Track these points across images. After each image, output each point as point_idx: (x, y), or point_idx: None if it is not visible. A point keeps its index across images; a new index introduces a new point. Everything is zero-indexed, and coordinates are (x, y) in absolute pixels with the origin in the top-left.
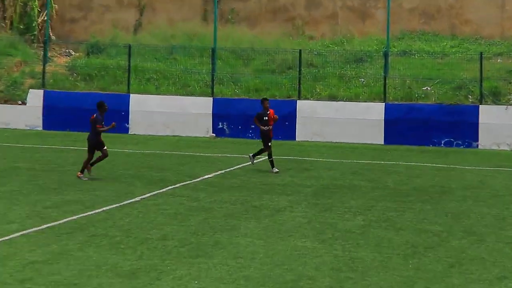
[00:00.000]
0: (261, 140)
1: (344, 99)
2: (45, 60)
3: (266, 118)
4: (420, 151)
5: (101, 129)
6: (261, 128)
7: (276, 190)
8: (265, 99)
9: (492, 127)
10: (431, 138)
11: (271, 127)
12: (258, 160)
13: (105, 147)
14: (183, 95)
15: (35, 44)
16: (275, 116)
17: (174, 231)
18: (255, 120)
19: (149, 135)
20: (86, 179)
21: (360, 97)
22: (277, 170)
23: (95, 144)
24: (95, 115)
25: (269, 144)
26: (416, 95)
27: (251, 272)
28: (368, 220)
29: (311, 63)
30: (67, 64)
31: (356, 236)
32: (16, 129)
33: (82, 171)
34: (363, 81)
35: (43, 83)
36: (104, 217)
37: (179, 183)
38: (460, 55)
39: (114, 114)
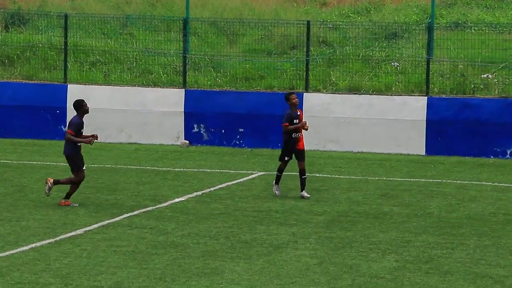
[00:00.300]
0: (282, 151)
1: (371, 92)
2: None
3: (297, 121)
4: (477, 165)
5: (74, 139)
6: (288, 136)
7: (274, 219)
8: (292, 93)
9: None
10: (492, 146)
11: (301, 134)
12: (251, 176)
13: (84, 167)
14: (143, 85)
15: None
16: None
17: (132, 276)
18: (287, 127)
19: (95, 142)
20: (76, 205)
21: (393, 89)
22: (307, 195)
23: (72, 159)
24: (72, 119)
25: (290, 158)
26: (472, 86)
27: None
28: (403, 260)
29: (324, 41)
30: None
31: (386, 283)
32: None
33: (68, 197)
34: (398, 65)
35: None
36: (33, 258)
37: (138, 209)
38: None
39: (44, 113)
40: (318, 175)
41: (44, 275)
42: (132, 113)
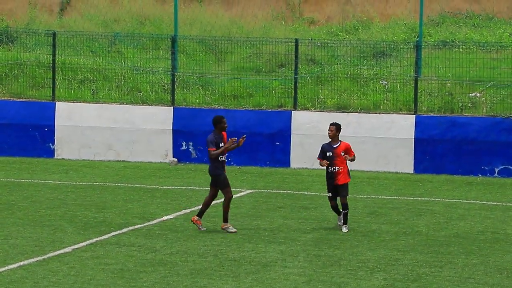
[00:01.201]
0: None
1: (359, 110)
2: None
3: (331, 154)
4: (465, 183)
5: (217, 152)
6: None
7: (262, 237)
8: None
9: None
10: (480, 164)
11: (339, 168)
12: (240, 194)
13: (229, 187)
14: (132, 103)
15: None
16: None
17: None
18: (322, 161)
19: (84, 160)
20: (204, 229)
21: (381, 107)
22: (346, 229)
23: (215, 179)
24: (208, 137)
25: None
26: (460, 105)
27: None
28: (391, 279)
29: (312, 59)
30: None
31: None
32: None
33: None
34: (386, 84)
35: None
36: (21, 276)
37: (126, 227)
38: None
39: (33, 130)
40: (306, 193)
41: None
42: (120, 131)
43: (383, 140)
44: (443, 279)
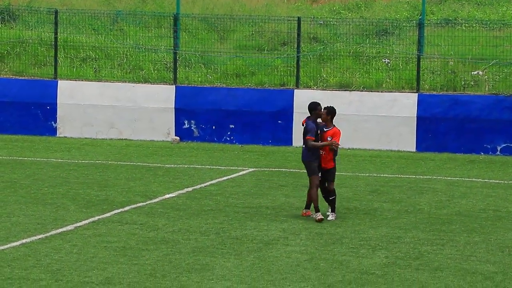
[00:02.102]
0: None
1: (361, 88)
2: None
3: (320, 135)
4: (467, 161)
5: (312, 143)
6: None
7: (265, 215)
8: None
9: None
10: (482, 143)
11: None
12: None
13: (319, 174)
14: (134, 81)
15: None
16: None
17: (122, 272)
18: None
19: (86, 138)
20: (318, 217)
21: (384, 86)
22: (332, 217)
23: (306, 165)
24: (307, 125)
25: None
26: (463, 83)
27: None
28: (393, 257)
29: (315, 37)
30: None
31: (376, 279)
32: None
33: (309, 207)
34: (388, 62)
35: None
36: (24, 254)
37: (128, 205)
38: None
39: (35, 108)
40: None
41: (34, 270)
42: (122, 109)
43: (385, 119)
44: (445, 257)
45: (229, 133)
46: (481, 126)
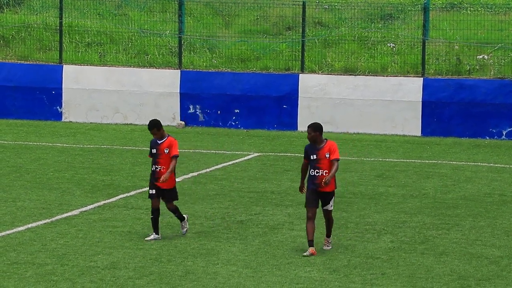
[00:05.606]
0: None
1: (366, 73)
2: None
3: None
4: (472, 146)
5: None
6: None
7: (270, 200)
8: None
9: None
10: (487, 127)
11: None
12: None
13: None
14: (139, 66)
15: None
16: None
17: (128, 256)
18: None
19: (91, 123)
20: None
21: (389, 70)
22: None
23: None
24: None
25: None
26: (468, 67)
27: None
28: (398, 241)
29: (320, 22)
30: None
31: (381, 263)
32: None
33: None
34: (393, 46)
35: None
36: (30, 238)
37: (134, 190)
38: None
39: (40, 93)
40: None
41: (40, 255)
42: (127, 94)
43: (390, 103)
44: (450, 241)
45: (234, 117)
46: (487, 110)
